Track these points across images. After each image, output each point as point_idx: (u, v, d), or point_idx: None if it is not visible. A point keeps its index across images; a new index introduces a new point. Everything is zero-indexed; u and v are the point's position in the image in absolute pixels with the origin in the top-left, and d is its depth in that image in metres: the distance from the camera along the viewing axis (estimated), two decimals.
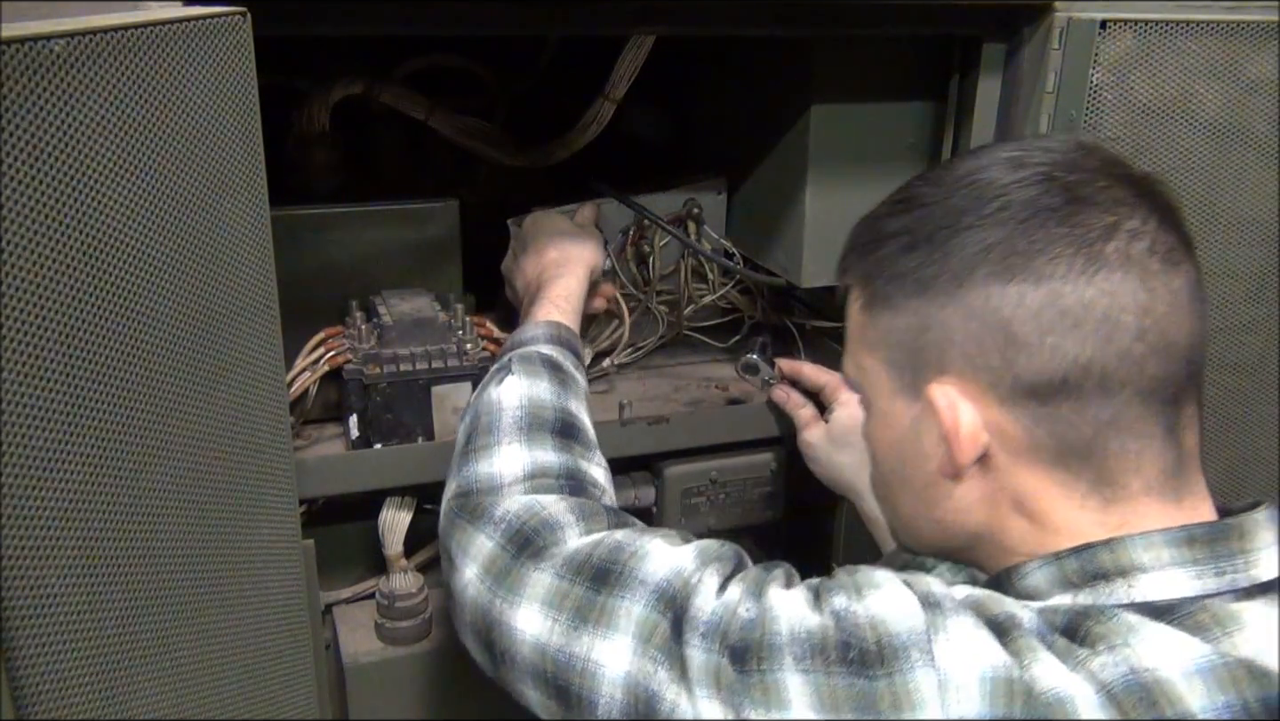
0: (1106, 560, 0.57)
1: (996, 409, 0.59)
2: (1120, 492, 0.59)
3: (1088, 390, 0.57)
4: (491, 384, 0.81)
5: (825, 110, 0.99)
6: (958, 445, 0.60)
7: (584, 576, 0.64)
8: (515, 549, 0.68)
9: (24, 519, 0.54)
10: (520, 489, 0.73)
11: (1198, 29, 0.90)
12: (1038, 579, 0.59)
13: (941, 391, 0.60)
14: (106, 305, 0.58)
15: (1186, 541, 0.57)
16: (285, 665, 0.80)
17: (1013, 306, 0.57)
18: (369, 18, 0.78)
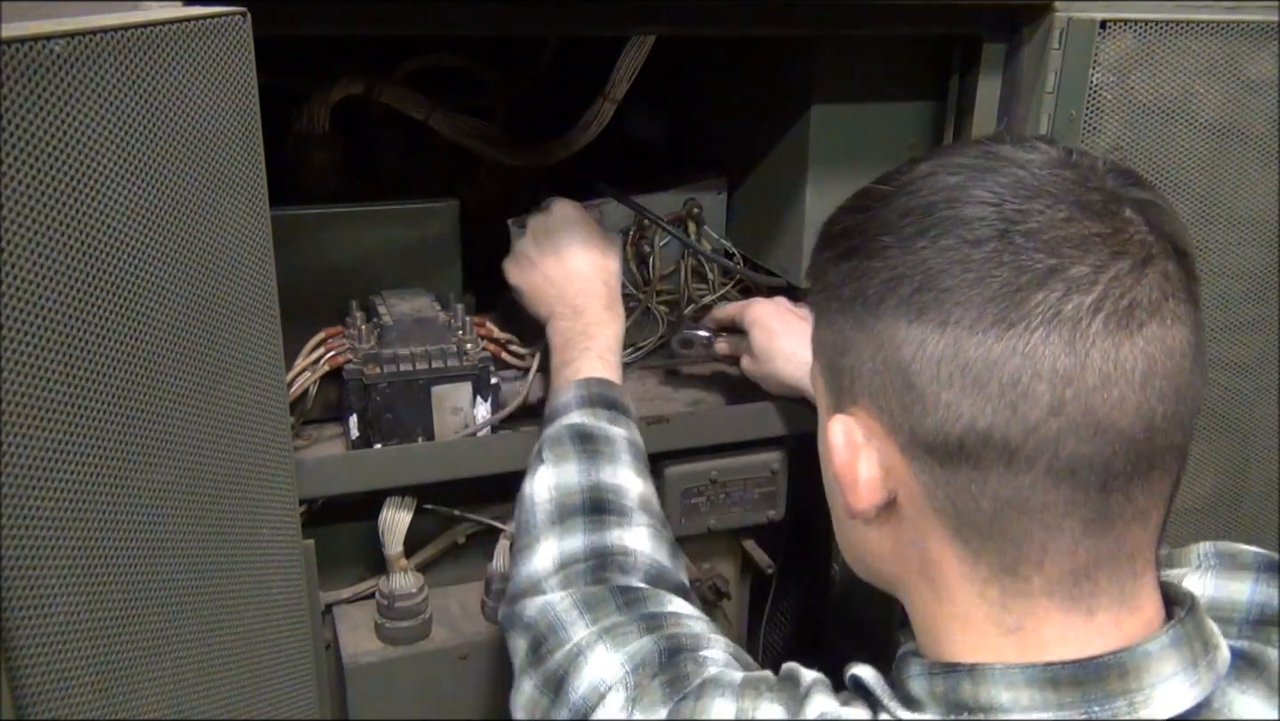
0: (967, 692, 0.51)
1: (898, 456, 0.52)
2: (1020, 586, 0.51)
3: (987, 461, 0.49)
4: (528, 475, 0.83)
5: (825, 110, 0.99)
6: (853, 491, 0.54)
7: (550, 687, 0.67)
8: (531, 653, 0.71)
9: (24, 519, 0.54)
10: (553, 582, 0.75)
11: (1198, 29, 0.90)
12: (915, 688, 0.53)
13: (843, 426, 0.54)
14: (106, 305, 0.58)
15: (1050, 683, 0.49)
16: (285, 665, 0.80)
17: (914, 350, 0.50)
18: (369, 18, 0.78)
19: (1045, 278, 0.47)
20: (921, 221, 0.50)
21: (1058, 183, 0.50)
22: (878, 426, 0.53)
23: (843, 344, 0.54)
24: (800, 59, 1.00)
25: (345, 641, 1.01)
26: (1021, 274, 0.47)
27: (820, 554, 1.31)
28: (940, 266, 0.49)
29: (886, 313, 0.51)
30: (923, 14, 0.91)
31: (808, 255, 1.02)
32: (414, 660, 1.00)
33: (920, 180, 0.52)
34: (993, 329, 0.48)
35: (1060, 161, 0.51)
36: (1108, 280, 0.47)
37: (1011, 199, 0.49)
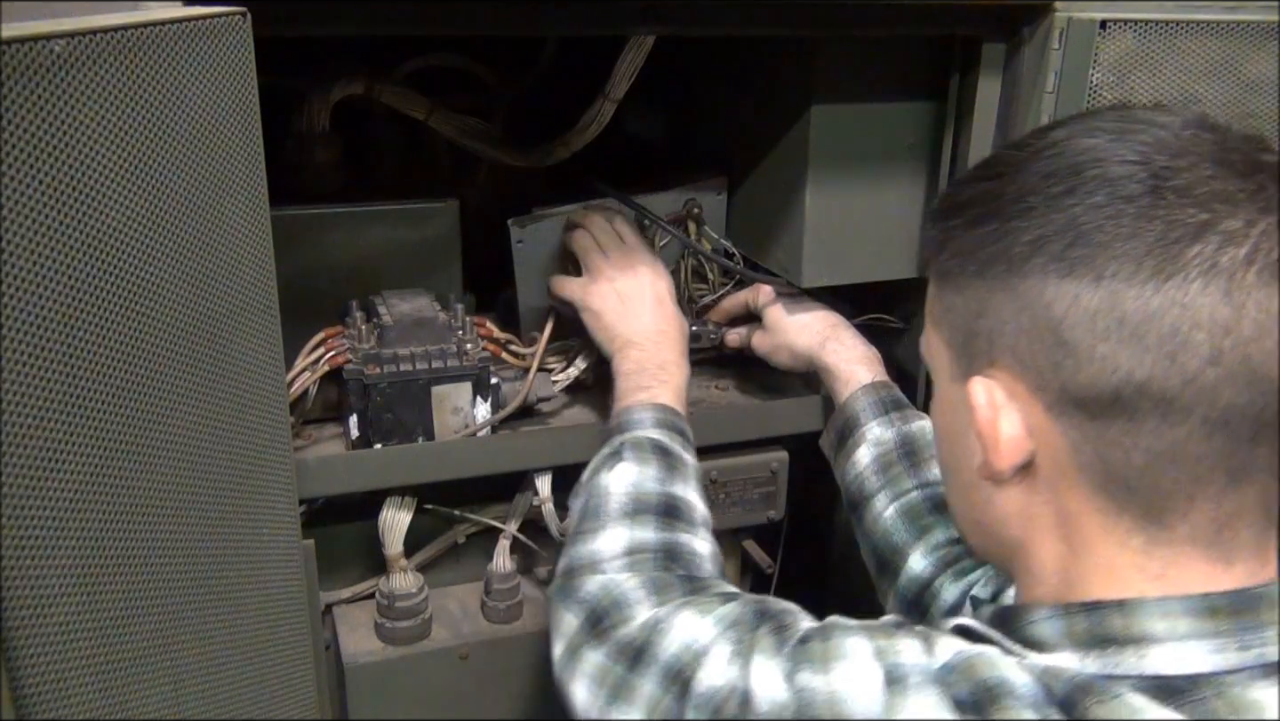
0: (1117, 625, 0.51)
1: (1043, 415, 0.53)
2: (1165, 535, 0.52)
3: (1143, 413, 0.49)
4: (603, 469, 0.83)
5: (825, 110, 0.99)
6: (995, 450, 0.54)
7: (625, 657, 0.67)
8: (589, 627, 0.72)
9: (24, 519, 0.54)
10: (617, 565, 0.75)
11: (1198, 29, 0.90)
12: (1045, 630, 0.53)
13: (984, 387, 0.54)
14: (106, 305, 0.58)
15: (1208, 611, 0.50)
16: (285, 665, 0.80)
17: (1066, 305, 0.50)
18: (369, 18, 0.78)
19: (1200, 231, 0.48)
20: (1068, 180, 0.51)
21: (1197, 143, 0.51)
22: (1020, 386, 0.53)
23: (979, 307, 0.55)
24: (800, 59, 1.00)
25: (345, 641, 1.01)
26: (1175, 227, 0.48)
27: (820, 554, 1.31)
28: (1093, 223, 0.50)
29: (1034, 271, 0.51)
30: (923, 14, 0.91)
31: (808, 255, 1.04)
32: (414, 660, 1.00)
33: (1061, 143, 0.53)
34: (1150, 281, 0.48)
35: (1196, 123, 0.52)
36: (1258, 234, 0.48)
37: (1158, 157, 0.50)
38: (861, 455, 0.96)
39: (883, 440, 0.95)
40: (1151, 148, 0.51)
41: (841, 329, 1.05)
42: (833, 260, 1.05)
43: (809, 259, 1.04)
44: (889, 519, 0.91)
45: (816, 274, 1.05)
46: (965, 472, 0.59)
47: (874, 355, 1.03)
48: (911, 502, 0.91)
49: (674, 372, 0.94)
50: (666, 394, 0.91)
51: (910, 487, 0.92)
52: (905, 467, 0.93)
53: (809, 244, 1.03)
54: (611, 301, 0.98)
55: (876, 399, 0.98)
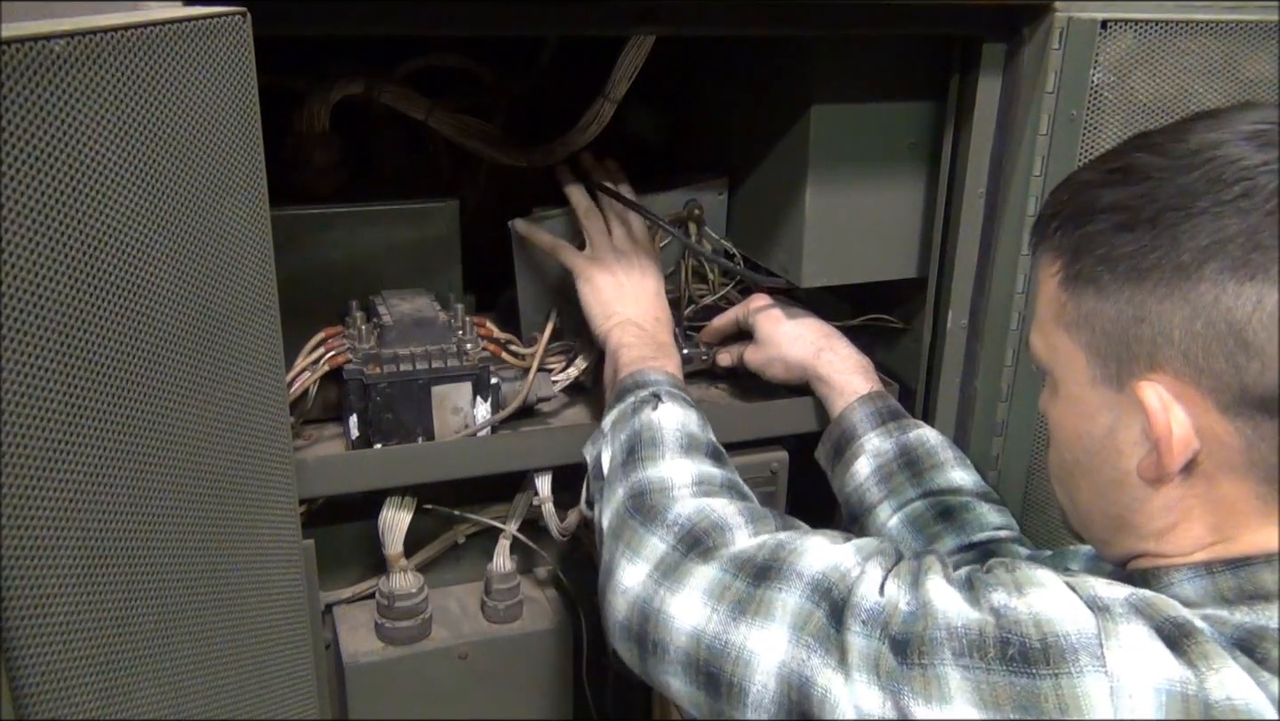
0: (1269, 580, 0.54)
1: (1215, 416, 0.54)
2: None
3: None
4: (645, 408, 0.84)
5: (825, 110, 0.99)
6: (1168, 450, 0.56)
7: (746, 572, 0.66)
8: (685, 548, 0.71)
9: (24, 519, 0.54)
10: (690, 491, 0.76)
11: (1198, 29, 0.90)
12: (1187, 590, 0.56)
13: (1154, 391, 0.56)
14: (106, 305, 0.58)
15: None
16: (285, 665, 0.80)
17: (1249, 309, 0.52)
18: (369, 18, 0.78)
19: None
20: (1238, 185, 0.52)
21: None
22: (1189, 389, 0.55)
23: (1137, 313, 0.56)
24: (800, 59, 1.00)
25: (345, 641, 1.01)
26: None
27: None
28: (1271, 228, 0.51)
29: (1209, 276, 0.52)
30: (923, 14, 0.91)
31: (808, 255, 1.04)
32: (414, 660, 1.00)
33: (1216, 149, 0.54)
34: None
35: None
36: None
37: None
38: (861, 466, 0.96)
39: (882, 451, 0.95)
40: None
41: (834, 338, 1.05)
42: (833, 260, 1.05)
43: (809, 259, 1.04)
44: (894, 529, 0.91)
45: (816, 274, 1.05)
46: (1109, 471, 0.60)
47: (867, 364, 1.04)
48: (916, 511, 0.91)
49: (671, 354, 0.96)
50: (671, 366, 0.93)
51: (914, 497, 0.92)
52: (907, 477, 0.93)
53: (809, 244, 1.03)
54: (610, 281, 1.00)
55: (873, 409, 0.98)
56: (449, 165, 1.21)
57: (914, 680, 0.54)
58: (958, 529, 0.88)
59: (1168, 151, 0.56)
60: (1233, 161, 0.53)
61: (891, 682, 0.55)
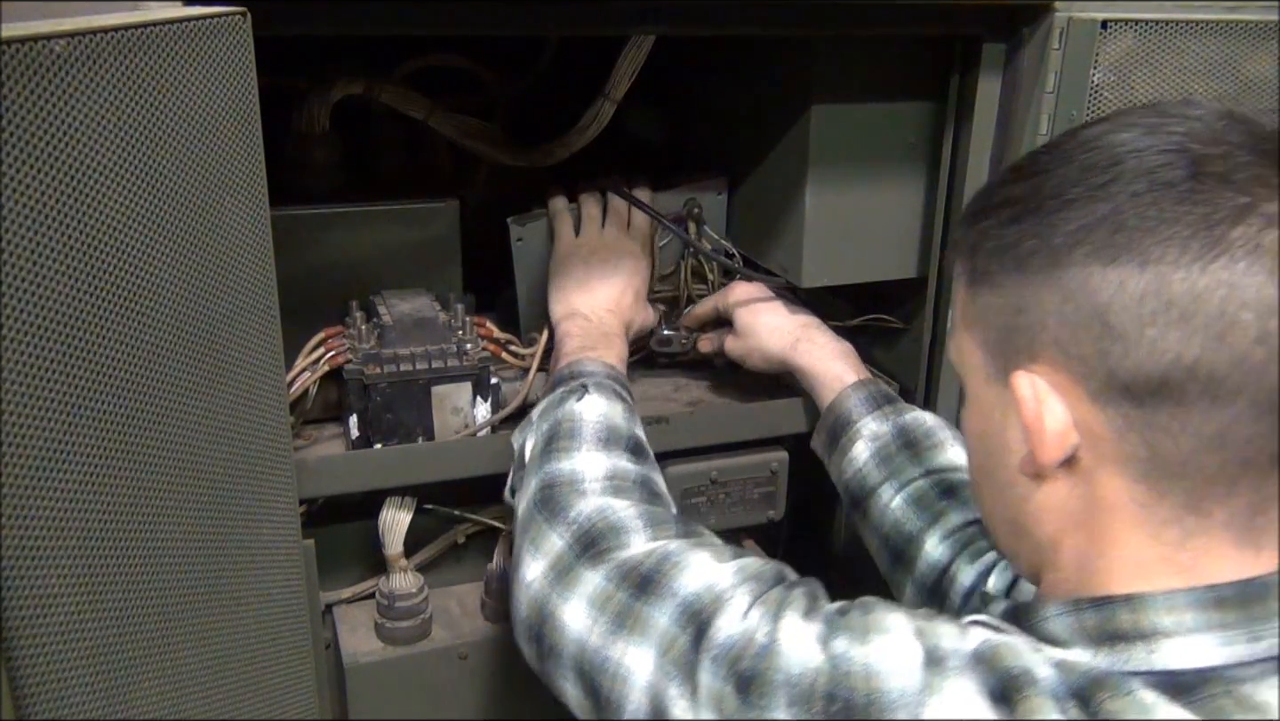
0: (1126, 621, 0.52)
1: (1088, 406, 0.53)
2: (1203, 523, 0.52)
3: (1191, 396, 0.50)
4: (570, 399, 0.84)
5: (825, 110, 0.99)
6: (1040, 443, 0.54)
7: (629, 583, 0.66)
8: (580, 548, 0.70)
9: (24, 519, 0.54)
10: (599, 487, 0.76)
11: (1198, 29, 0.90)
12: (1057, 627, 0.54)
13: (1028, 381, 0.54)
14: (106, 305, 0.58)
15: (1214, 603, 0.51)
16: (285, 665, 0.80)
17: (1112, 291, 0.51)
18: (369, 18, 0.78)
19: (1241, 214, 0.49)
20: (1108, 172, 0.52)
21: (1231, 132, 0.52)
22: (1063, 378, 0.53)
23: (1018, 303, 0.55)
24: (800, 59, 1.00)
25: (345, 641, 1.01)
26: (1218, 210, 0.49)
27: (820, 554, 1.31)
28: (1135, 210, 0.50)
29: (1078, 261, 0.52)
30: (923, 14, 0.91)
31: (808, 255, 1.04)
32: (414, 660, 1.00)
33: (1096, 139, 0.54)
34: (1195, 263, 0.49)
35: (1227, 115, 0.53)
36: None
37: (1194, 146, 0.51)
38: (859, 450, 0.96)
39: (879, 434, 0.95)
40: (1187, 137, 0.51)
41: (812, 328, 1.05)
42: (833, 260, 1.05)
43: (809, 259, 1.04)
44: (898, 509, 0.91)
45: (816, 274, 1.05)
46: (1002, 471, 0.59)
47: (848, 349, 1.04)
48: (920, 490, 0.91)
49: (616, 344, 0.96)
50: (612, 356, 0.93)
51: (916, 476, 0.92)
52: (907, 457, 0.93)
53: (809, 244, 1.03)
54: (578, 270, 1.01)
55: (866, 395, 0.98)
56: (449, 165, 1.21)
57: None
58: (961, 505, 0.88)
59: (1061, 145, 0.56)
60: (1110, 149, 0.53)
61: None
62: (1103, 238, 0.51)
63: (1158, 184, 0.50)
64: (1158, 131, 0.52)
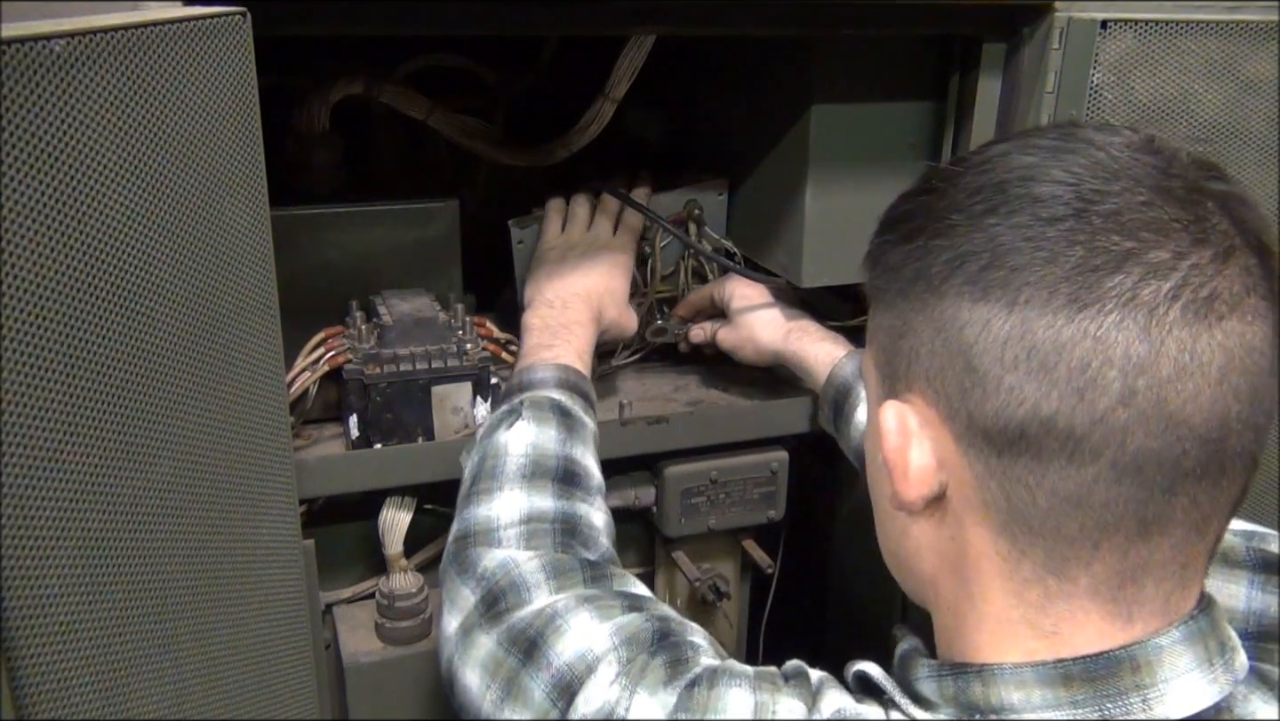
0: (979, 694, 0.50)
1: (952, 446, 0.50)
2: (1065, 587, 0.49)
3: (1049, 451, 0.47)
4: (501, 427, 0.82)
5: (825, 110, 0.99)
6: (903, 479, 0.52)
7: (518, 648, 0.64)
8: (484, 607, 0.69)
9: (24, 519, 0.54)
10: (514, 533, 0.74)
11: (1198, 29, 0.90)
12: (926, 689, 0.53)
13: (895, 412, 0.52)
14: (107, 305, 0.58)
15: (1062, 680, 0.48)
16: (285, 665, 0.80)
17: (978, 330, 0.47)
18: (369, 18, 0.78)
19: (1122, 261, 0.45)
20: (993, 198, 0.49)
21: (1138, 167, 0.48)
22: (933, 413, 0.51)
23: (901, 327, 0.52)
24: (800, 59, 1.00)
25: (345, 641, 1.01)
26: (1096, 255, 0.45)
27: (820, 554, 1.31)
28: (1011, 244, 0.47)
29: (950, 292, 0.49)
30: (923, 14, 0.91)
31: (808, 255, 1.04)
32: (414, 660, 1.00)
33: (994, 159, 0.51)
34: (1063, 310, 0.45)
35: (1142, 147, 0.49)
36: (1188, 267, 0.45)
37: (1090, 179, 0.47)
38: (862, 413, 0.96)
39: None
40: (1086, 169, 0.48)
41: (804, 319, 1.06)
42: (833, 260, 1.05)
43: (809, 259, 1.04)
44: None
45: (816, 274, 1.05)
46: (883, 501, 0.57)
47: (838, 336, 1.05)
48: None
49: (579, 334, 0.94)
50: (569, 353, 0.91)
51: None
52: None
53: (809, 244, 1.03)
54: (556, 262, 1.00)
55: None
56: (449, 165, 1.21)
57: None
58: None
59: (965, 160, 0.52)
60: (999, 173, 0.49)
61: None
62: (976, 270, 0.48)
63: (1039, 218, 0.47)
64: (1057, 158, 0.48)
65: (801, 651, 0.62)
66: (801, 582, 1.28)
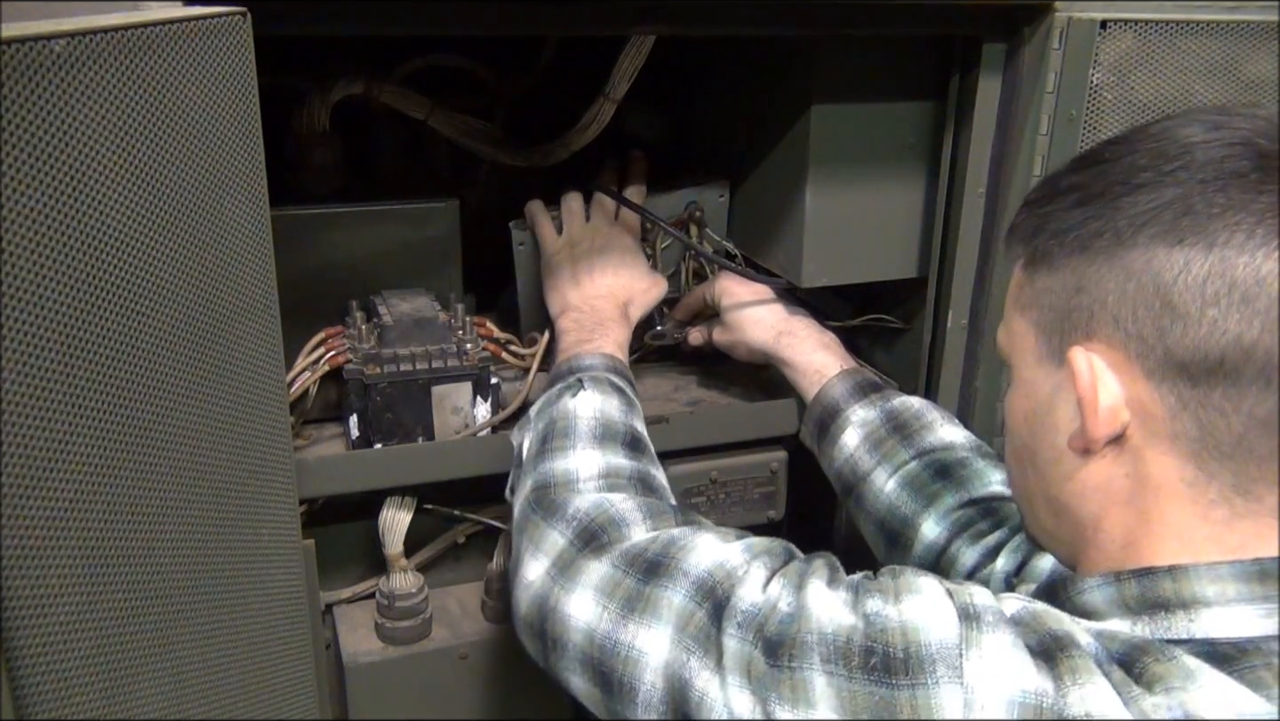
0: (1168, 589, 0.53)
1: (1143, 383, 0.54)
2: (1252, 506, 0.53)
3: (1247, 378, 0.51)
4: (566, 395, 0.84)
5: (825, 110, 0.99)
6: (1093, 417, 0.55)
7: (636, 568, 0.66)
8: (582, 543, 0.70)
9: (24, 519, 0.54)
10: (594, 485, 0.76)
11: (1198, 29, 0.90)
12: (1095, 598, 0.55)
13: (1084, 355, 0.55)
14: (106, 305, 0.58)
15: (1258, 576, 0.52)
16: (285, 665, 0.80)
17: (1176, 271, 0.52)
18: (369, 18, 0.78)
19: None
20: (1179, 160, 0.53)
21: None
22: (1119, 356, 0.54)
23: (1078, 282, 0.56)
24: (800, 59, 1.00)
25: (345, 641, 1.01)
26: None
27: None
28: (1203, 196, 0.52)
29: (1143, 242, 0.53)
30: (923, 14, 0.91)
31: (808, 255, 1.04)
32: (414, 660, 1.00)
33: (1166, 131, 0.55)
34: (1261, 249, 0.50)
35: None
36: None
37: (1260, 140, 0.52)
38: (849, 438, 0.96)
39: (868, 420, 0.95)
40: (1253, 132, 0.53)
41: (795, 319, 1.06)
42: (833, 260, 1.05)
43: (809, 259, 1.04)
44: (892, 492, 0.91)
45: (816, 274, 1.05)
46: (1047, 450, 0.59)
47: (831, 340, 1.05)
48: (912, 472, 0.91)
49: (613, 329, 0.96)
50: (609, 345, 0.93)
51: (908, 459, 0.92)
52: (897, 441, 0.93)
53: (809, 244, 1.03)
54: (568, 267, 1.01)
55: (853, 383, 0.99)
56: (449, 165, 1.21)
57: (782, 684, 0.54)
58: (957, 486, 0.88)
59: (1129, 138, 0.57)
60: (1178, 140, 0.54)
61: (761, 687, 0.55)
62: (1170, 220, 0.52)
63: (1225, 173, 0.52)
64: (1223, 127, 0.54)
65: None
66: None
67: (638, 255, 1.04)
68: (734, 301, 1.07)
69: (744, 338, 1.06)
